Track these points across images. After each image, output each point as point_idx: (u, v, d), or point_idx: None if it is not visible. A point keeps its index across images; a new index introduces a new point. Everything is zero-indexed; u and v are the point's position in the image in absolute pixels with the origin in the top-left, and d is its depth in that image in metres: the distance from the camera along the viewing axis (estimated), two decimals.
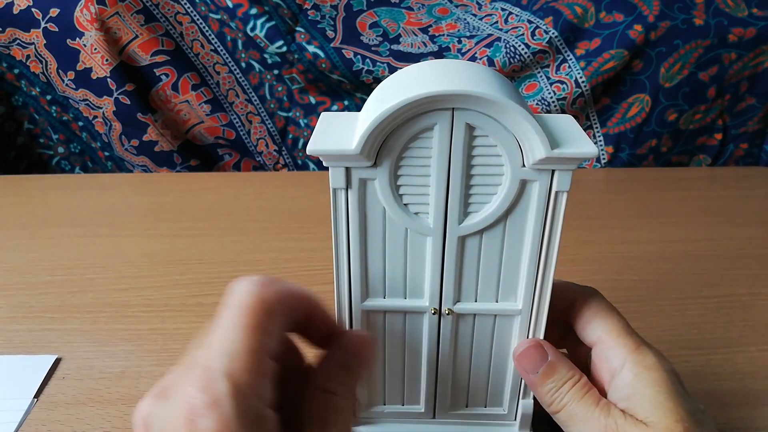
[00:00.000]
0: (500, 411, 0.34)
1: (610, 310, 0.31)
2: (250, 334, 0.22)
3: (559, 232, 0.28)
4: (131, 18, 0.74)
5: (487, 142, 0.26)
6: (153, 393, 0.22)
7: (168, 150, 0.83)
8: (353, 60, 0.75)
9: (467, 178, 0.27)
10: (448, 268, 0.29)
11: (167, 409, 0.21)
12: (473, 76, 0.26)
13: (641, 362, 0.29)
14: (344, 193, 0.27)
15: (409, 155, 0.27)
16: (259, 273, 0.30)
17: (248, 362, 0.21)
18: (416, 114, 0.25)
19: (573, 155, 0.25)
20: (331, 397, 0.25)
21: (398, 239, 0.29)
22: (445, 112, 0.25)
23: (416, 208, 0.28)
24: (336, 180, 0.27)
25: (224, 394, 0.20)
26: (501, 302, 0.30)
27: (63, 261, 0.57)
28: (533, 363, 0.30)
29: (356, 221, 0.28)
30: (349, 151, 0.26)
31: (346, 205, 0.28)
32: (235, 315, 0.22)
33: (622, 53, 0.73)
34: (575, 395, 0.29)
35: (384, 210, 0.28)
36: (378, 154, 0.26)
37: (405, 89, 0.25)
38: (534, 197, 0.27)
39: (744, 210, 0.68)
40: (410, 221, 0.28)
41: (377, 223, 0.28)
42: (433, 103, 0.25)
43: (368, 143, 0.25)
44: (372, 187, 0.27)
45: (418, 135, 0.26)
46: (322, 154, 0.26)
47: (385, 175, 0.27)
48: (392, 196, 0.27)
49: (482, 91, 0.24)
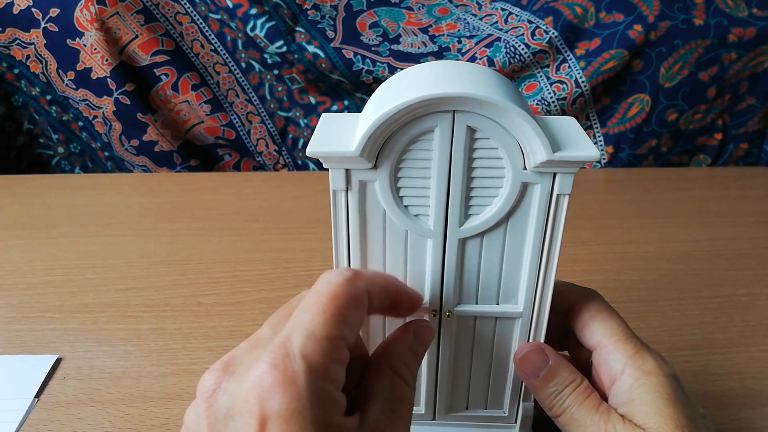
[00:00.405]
0: (501, 413, 0.34)
1: (609, 312, 0.31)
2: (333, 322, 0.22)
3: (560, 236, 0.28)
4: (131, 18, 0.74)
5: (489, 144, 0.26)
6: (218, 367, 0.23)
7: (168, 150, 0.83)
8: (353, 60, 0.75)
9: (468, 180, 0.27)
10: (449, 270, 0.29)
11: (237, 384, 0.21)
12: (474, 78, 0.26)
13: (641, 367, 0.28)
14: (344, 194, 0.27)
15: (410, 157, 0.26)
16: (259, 273, 0.30)
17: (327, 348, 0.22)
18: (417, 116, 0.25)
19: (574, 158, 0.25)
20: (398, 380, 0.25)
21: (398, 241, 0.29)
22: (445, 114, 0.25)
23: (416, 210, 0.28)
24: (336, 182, 0.27)
25: (300, 374, 0.21)
26: (502, 305, 0.30)
27: (63, 261, 0.57)
28: (534, 367, 0.30)
29: (356, 223, 0.28)
30: (348, 153, 0.25)
31: (346, 206, 0.28)
32: (321, 302, 0.23)
33: (622, 53, 0.73)
34: (576, 399, 0.29)
35: (384, 212, 0.28)
36: (378, 156, 0.26)
37: (405, 91, 0.25)
38: (535, 200, 0.27)
39: (744, 210, 0.68)
40: (410, 223, 0.28)
41: (377, 224, 0.28)
42: (434, 106, 0.25)
43: (368, 145, 0.25)
44: (372, 188, 0.27)
45: (419, 137, 0.26)
46: (321, 155, 0.26)
47: (385, 177, 0.27)
48: (392, 198, 0.27)
49: (483, 93, 0.24)
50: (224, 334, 0.47)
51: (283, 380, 0.20)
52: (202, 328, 0.48)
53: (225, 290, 0.52)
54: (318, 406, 0.21)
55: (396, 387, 0.25)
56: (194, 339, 0.46)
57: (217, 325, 0.48)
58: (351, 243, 0.29)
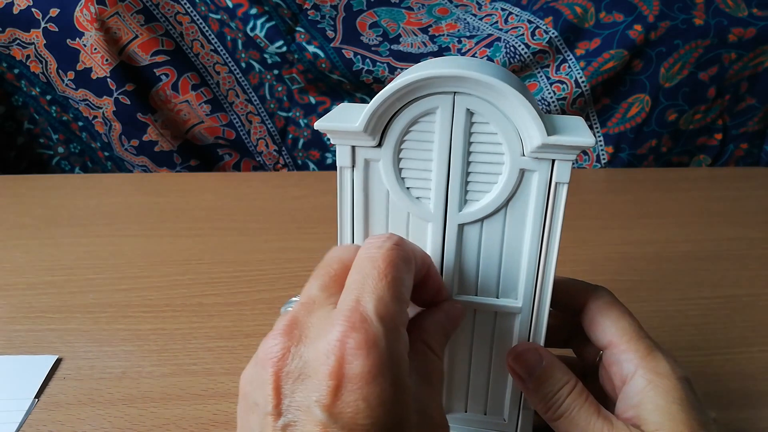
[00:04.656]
0: (500, 420, 0.34)
1: (621, 311, 0.30)
2: (395, 286, 0.23)
3: (559, 227, 0.28)
4: (131, 18, 0.74)
5: (488, 129, 0.27)
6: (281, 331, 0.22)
7: (168, 150, 0.83)
8: (353, 60, 0.75)
9: (467, 164, 0.27)
10: (448, 256, 0.29)
11: (312, 347, 0.21)
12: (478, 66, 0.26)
13: (654, 369, 0.28)
14: (350, 171, 0.28)
15: (412, 138, 0.27)
16: (260, 273, 0.30)
17: (395, 310, 0.22)
18: (419, 96, 0.26)
19: (569, 143, 0.26)
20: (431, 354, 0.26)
21: (400, 224, 0.29)
22: (446, 96, 0.26)
23: (418, 193, 0.29)
24: (342, 158, 0.28)
25: (381, 336, 0.21)
26: (501, 298, 0.30)
27: (63, 261, 0.57)
28: (527, 367, 0.29)
29: (360, 201, 0.29)
30: (352, 127, 0.27)
31: (352, 184, 0.29)
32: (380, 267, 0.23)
33: (622, 53, 0.73)
34: (575, 402, 0.28)
35: (387, 193, 0.29)
36: (383, 135, 0.27)
37: (409, 73, 0.26)
38: (534, 187, 0.27)
39: (744, 210, 0.68)
40: (412, 205, 0.29)
41: (381, 205, 0.29)
42: (434, 86, 0.26)
43: (371, 121, 0.26)
44: (376, 168, 0.28)
45: (420, 118, 0.27)
46: (327, 129, 0.27)
47: (388, 157, 0.28)
48: (395, 178, 0.28)
49: (479, 74, 0.25)
50: (225, 334, 0.47)
51: (365, 343, 0.20)
52: (203, 328, 0.48)
53: (225, 290, 0.52)
54: (395, 368, 0.21)
55: (429, 361, 0.25)
56: (195, 339, 0.46)
57: (217, 325, 0.48)
58: (355, 222, 0.29)
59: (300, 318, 0.23)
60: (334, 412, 0.20)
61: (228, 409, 0.39)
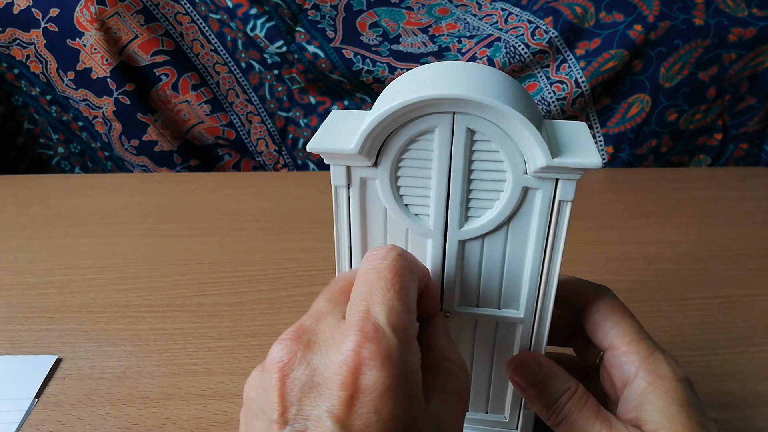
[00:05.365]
0: (502, 418, 0.34)
1: (623, 312, 0.30)
2: (403, 296, 0.23)
3: (562, 243, 0.27)
4: (131, 18, 0.74)
5: (489, 147, 0.26)
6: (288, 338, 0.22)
7: (168, 150, 0.83)
8: (353, 60, 0.75)
9: (468, 182, 0.27)
10: (449, 271, 0.29)
11: (323, 356, 0.21)
12: (478, 81, 0.25)
13: (654, 371, 0.28)
14: (345, 190, 0.27)
15: (410, 156, 0.26)
16: (260, 273, 0.29)
17: (407, 321, 0.22)
18: (416, 116, 0.25)
19: (574, 165, 0.25)
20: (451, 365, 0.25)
21: (399, 240, 0.29)
22: (446, 115, 0.25)
23: (417, 210, 0.28)
24: (336, 178, 0.27)
25: (395, 347, 0.21)
26: (503, 309, 0.30)
27: (63, 261, 0.57)
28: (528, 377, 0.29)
29: (357, 219, 0.28)
30: (347, 150, 0.26)
31: (348, 202, 0.28)
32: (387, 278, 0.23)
33: (622, 53, 0.73)
34: (574, 406, 0.28)
35: (385, 209, 0.28)
36: (379, 154, 0.26)
37: (405, 91, 0.25)
38: (536, 205, 0.27)
39: (744, 210, 0.68)
40: (411, 222, 0.28)
41: (378, 222, 0.28)
42: (432, 107, 0.25)
43: (366, 143, 0.25)
44: (373, 186, 0.27)
45: (419, 137, 0.26)
46: (321, 152, 0.26)
47: (385, 175, 0.27)
48: (393, 196, 0.27)
49: (482, 96, 0.24)
50: (225, 334, 0.47)
51: (380, 354, 0.20)
52: (203, 328, 0.48)
53: (225, 290, 0.52)
54: (408, 381, 0.21)
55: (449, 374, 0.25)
56: (195, 339, 0.46)
57: (217, 325, 0.48)
58: (352, 240, 0.29)
59: (307, 326, 0.23)
60: (345, 423, 0.19)
61: (228, 409, 0.39)
